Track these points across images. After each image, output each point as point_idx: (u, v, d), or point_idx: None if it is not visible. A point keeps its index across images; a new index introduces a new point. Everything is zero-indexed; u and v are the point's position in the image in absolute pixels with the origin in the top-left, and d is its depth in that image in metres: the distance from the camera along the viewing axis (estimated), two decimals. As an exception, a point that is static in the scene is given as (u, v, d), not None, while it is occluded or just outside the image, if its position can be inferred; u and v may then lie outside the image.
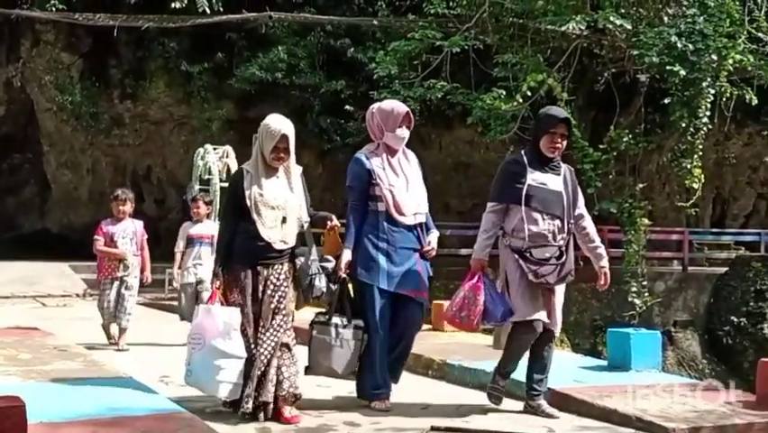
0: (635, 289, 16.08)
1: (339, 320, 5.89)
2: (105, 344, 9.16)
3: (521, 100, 15.97)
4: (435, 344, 8.31)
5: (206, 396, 5.71)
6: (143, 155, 23.24)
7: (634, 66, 17.20)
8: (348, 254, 5.95)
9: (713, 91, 15.65)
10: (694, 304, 20.41)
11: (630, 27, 15.90)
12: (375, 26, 19.17)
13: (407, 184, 6.12)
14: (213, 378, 5.44)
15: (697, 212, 20.39)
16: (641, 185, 17.83)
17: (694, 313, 20.33)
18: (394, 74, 16.88)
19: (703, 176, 16.38)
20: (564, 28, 15.80)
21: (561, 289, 5.94)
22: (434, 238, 6.23)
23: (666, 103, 16.52)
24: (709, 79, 15.50)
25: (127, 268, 9.13)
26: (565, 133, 5.89)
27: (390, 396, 6.09)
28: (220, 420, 5.43)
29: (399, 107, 6.22)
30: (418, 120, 6.24)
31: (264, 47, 19.74)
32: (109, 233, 9.14)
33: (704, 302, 20.47)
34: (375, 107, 6.28)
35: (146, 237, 9.43)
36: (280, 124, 5.64)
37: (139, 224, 9.39)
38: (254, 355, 5.50)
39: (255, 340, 5.54)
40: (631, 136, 17.08)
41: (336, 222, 5.96)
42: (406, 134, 6.18)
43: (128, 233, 9.20)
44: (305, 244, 5.76)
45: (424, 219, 6.18)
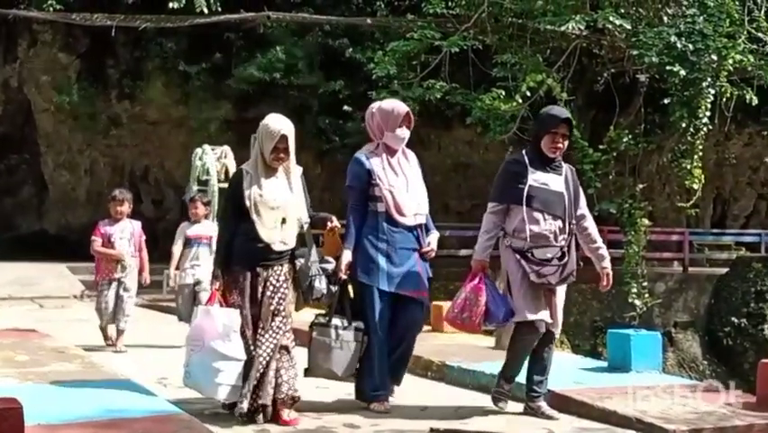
0: (636, 290, 16.03)
1: (339, 322, 5.86)
2: (103, 345, 9.11)
3: (520, 100, 15.92)
4: (435, 345, 8.30)
5: (205, 398, 5.67)
6: (141, 156, 23.21)
7: (633, 66, 17.16)
8: (348, 255, 5.91)
9: (713, 91, 15.59)
10: (694, 305, 20.38)
11: (630, 27, 15.85)
12: (373, 26, 19.13)
13: (407, 184, 6.09)
14: (212, 380, 5.40)
15: (697, 213, 20.38)
16: (641, 185, 17.77)
17: (694, 314, 20.30)
18: (393, 74, 16.81)
19: (703, 176, 16.33)
20: (564, 28, 15.75)
21: (562, 289, 5.91)
22: (434, 239, 6.19)
23: (666, 103, 16.46)
24: (709, 79, 15.44)
25: (125, 269, 9.08)
26: (567, 133, 5.85)
27: (395, 397, 6.07)
28: (219, 422, 5.40)
29: (400, 107, 6.18)
30: (417, 120, 6.20)
31: (262, 47, 19.70)
32: (107, 233, 9.08)
33: (704, 303, 20.44)
34: (375, 107, 6.24)
35: (144, 238, 9.38)
36: (280, 124, 5.60)
37: (137, 224, 9.33)
38: (253, 357, 5.45)
39: (254, 342, 5.50)
40: (631, 136, 17.04)
41: (336, 223, 5.92)
42: (406, 135, 6.15)
43: (126, 233, 9.15)
44: (304, 245, 5.71)
45: (424, 220, 6.15)
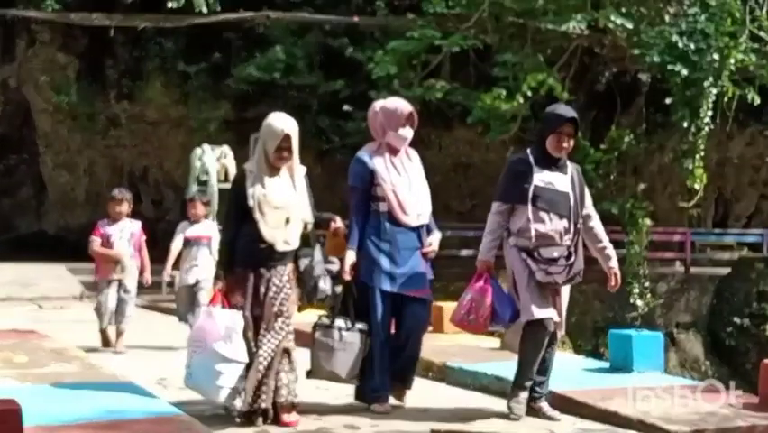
0: (638, 290, 16.05)
1: (342, 323, 5.80)
2: (109, 343, 9.03)
3: (521, 100, 15.92)
4: (436, 346, 8.22)
5: (205, 399, 5.62)
6: (140, 156, 23.16)
7: (635, 65, 17.20)
8: (352, 256, 5.85)
9: (715, 91, 15.60)
10: (696, 305, 20.33)
11: (631, 26, 15.86)
12: (372, 25, 19.08)
13: (410, 184, 6.03)
14: (213, 382, 5.35)
15: (699, 212, 20.39)
16: (642, 185, 17.82)
17: (696, 314, 20.26)
18: (393, 74, 16.80)
19: (705, 176, 16.33)
20: (565, 27, 15.76)
21: (566, 290, 5.86)
22: (436, 239, 6.14)
23: (668, 103, 16.45)
24: (711, 79, 15.45)
25: (124, 269, 9.02)
26: (572, 132, 5.77)
27: (404, 398, 6.07)
28: (219, 424, 5.36)
29: (403, 107, 6.12)
30: (418, 120, 6.14)
31: (262, 47, 19.64)
32: (106, 234, 9.02)
33: (706, 303, 20.39)
34: (378, 105, 6.18)
35: (144, 238, 9.31)
36: (283, 124, 5.55)
37: (137, 224, 9.27)
38: (253, 357, 5.41)
39: (256, 343, 5.45)
40: (632, 136, 17.07)
41: (340, 223, 5.87)
42: (409, 134, 6.10)
43: (125, 234, 9.09)
44: (308, 246, 5.65)
45: (427, 220, 6.10)
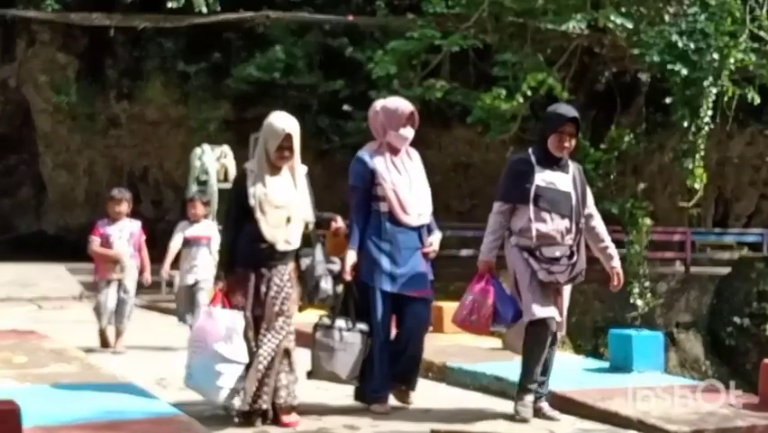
0: (638, 290, 16.05)
1: (343, 323, 5.77)
2: (107, 343, 9.01)
3: (521, 100, 15.92)
4: (435, 346, 8.19)
5: (205, 400, 5.60)
6: (140, 156, 23.14)
7: (635, 65, 17.19)
8: (353, 256, 5.83)
9: (715, 90, 15.59)
10: (697, 305, 20.32)
11: (631, 26, 15.86)
12: (372, 25, 19.07)
13: (411, 184, 6.02)
14: (213, 383, 5.33)
15: (699, 212, 20.38)
16: (642, 185, 17.82)
17: (697, 314, 20.24)
18: (393, 74, 16.79)
19: (705, 176, 16.32)
20: (564, 27, 15.76)
21: (567, 290, 5.84)
22: (436, 239, 6.12)
23: (667, 102, 16.45)
24: (711, 78, 15.44)
25: (123, 269, 9.00)
26: (574, 132, 5.75)
27: (409, 400, 6.06)
28: (218, 424, 5.35)
29: (404, 106, 6.10)
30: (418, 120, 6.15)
31: (261, 47, 19.63)
32: (105, 233, 8.99)
33: (707, 303, 20.38)
34: (379, 105, 6.16)
35: (144, 238, 9.29)
36: (284, 123, 5.53)
37: (136, 224, 9.24)
38: (253, 356, 5.39)
39: (256, 342, 5.43)
40: (632, 136, 17.08)
41: (341, 223, 5.85)
42: (410, 134, 6.09)
43: (125, 233, 9.06)
44: (308, 245, 5.64)
45: (428, 220, 6.08)
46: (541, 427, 5.59)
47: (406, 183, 5.98)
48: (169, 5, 17.92)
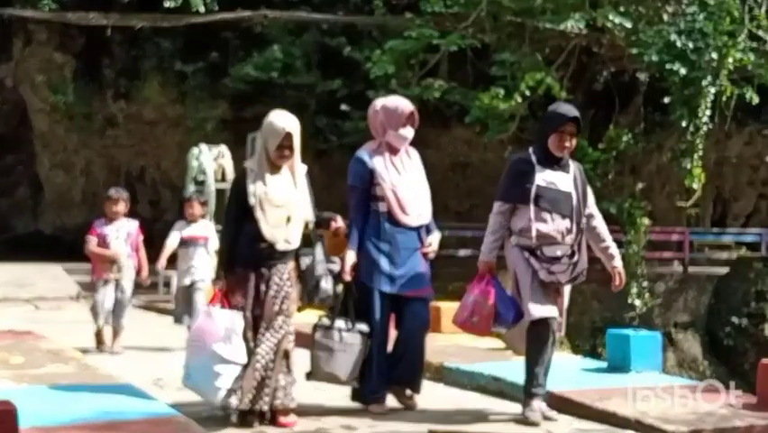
0: (636, 290, 16.03)
1: (343, 324, 5.75)
2: (103, 344, 8.97)
3: (519, 99, 15.90)
4: (433, 346, 8.12)
5: (202, 400, 5.58)
6: (137, 156, 23.12)
7: (633, 65, 17.17)
8: (352, 256, 5.81)
9: (713, 90, 15.56)
10: (695, 305, 20.31)
11: (629, 25, 15.83)
12: (370, 25, 19.05)
13: (410, 184, 6.00)
14: (212, 383, 5.32)
15: (697, 212, 20.36)
16: (641, 185, 17.81)
17: (695, 314, 20.24)
18: (391, 73, 16.77)
19: (703, 176, 16.29)
20: (563, 26, 15.74)
21: (567, 291, 5.83)
22: (436, 239, 6.10)
23: (666, 102, 16.41)
24: (709, 78, 15.41)
25: (120, 269, 8.97)
26: (574, 131, 5.73)
27: (413, 403, 6.03)
28: (215, 425, 5.34)
29: (404, 106, 6.07)
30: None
31: (259, 46, 19.61)
32: (102, 233, 8.96)
33: (705, 303, 20.38)
34: (379, 104, 6.14)
35: (142, 238, 9.26)
36: (285, 122, 5.51)
37: (134, 224, 9.21)
38: (251, 355, 5.38)
39: (255, 342, 5.41)
40: (630, 136, 17.06)
41: (341, 223, 5.83)
42: (409, 134, 6.07)
43: (122, 233, 9.03)
44: (308, 245, 5.61)
45: (427, 220, 6.06)
46: (539, 427, 5.57)
47: (405, 183, 5.96)
48: (167, 5, 17.87)
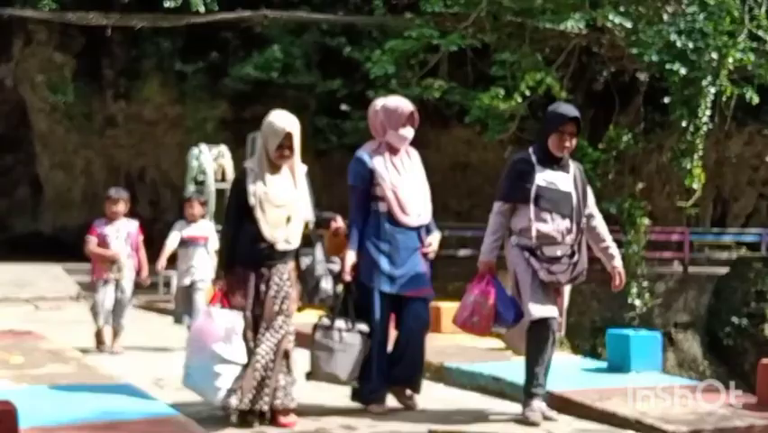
0: (636, 290, 16.03)
1: (343, 324, 5.74)
2: (102, 344, 8.96)
3: (519, 99, 15.90)
4: (433, 346, 8.13)
5: (202, 400, 5.59)
6: (137, 156, 23.14)
7: (633, 64, 17.17)
8: (352, 257, 5.81)
9: (713, 90, 15.56)
10: (695, 305, 20.32)
11: (629, 25, 15.83)
12: (370, 25, 19.06)
13: (410, 184, 6.00)
14: (212, 384, 5.32)
15: (697, 212, 20.32)
16: (641, 185, 17.81)
17: (695, 314, 20.25)
18: (391, 73, 16.77)
19: (703, 175, 16.30)
20: (563, 26, 15.74)
21: (567, 291, 5.83)
22: (436, 239, 6.10)
23: (666, 102, 16.41)
24: (709, 78, 15.42)
25: (120, 269, 8.97)
26: (575, 131, 5.73)
27: (413, 403, 6.03)
28: (215, 425, 5.34)
29: (405, 106, 6.07)
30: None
31: (259, 46, 19.63)
32: (102, 233, 8.96)
33: (705, 303, 20.39)
34: (380, 104, 6.14)
35: (142, 238, 9.26)
36: (285, 122, 5.51)
37: (134, 224, 9.21)
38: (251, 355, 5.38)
39: (255, 342, 5.41)
40: (630, 135, 17.07)
41: (341, 223, 5.83)
42: (409, 134, 6.07)
43: (122, 233, 9.03)
44: (308, 245, 5.61)
45: (427, 220, 6.06)
46: (539, 427, 5.57)
47: (405, 183, 5.96)
48: (167, 5, 17.89)
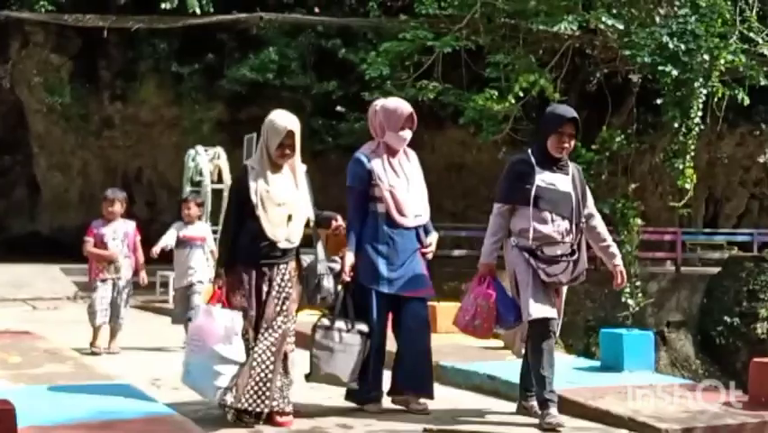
0: (629, 289, 16.04)
1: (343, 324, 5.76)
2: (96, 347, 9.02)
3: (513, 101, 15.92)
4: (429, 345, 8.26)
5: (199, 399, 5.64)
6: (134, 157, 23.12)
7: (626, 66, 17.20)
8: (351, 257, 5.85)
9: (705, 91, 15.60)
10: (687, 304, 20.35)
11: (622, 27, 15.86)
12: (365, 26, 19.09)
13: (408, 185, 6.04)
14: (211, 382, 5.34)
15: (689, 212, 20.36)
16: (633, 185, 17.82)
17: (687, 313, 20.28)
18: (385, 75, 16.79)
19: (695, 176, 16.34)
20: (556, 28, 15.76)
21: (564, 292, 5.87)
22: (434, 240, 6.14)
23: (658, 103, 16.45)
24: (701, 80, 15.44)
25: (118, 270, 9.02)
26: (573, 132, 5.76)
27: (426, 406, 6.01)
28: (212, 424, 5.38)
29: (403, 108, 6.11)
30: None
31: (255, 48, 19.64)
32: (99, 234, 9.01)
33: (697, 302, 20.42)
34: (379, 105, 6.18)
35: (139, 238, 9.31)
36: (286, 121, 5.56)
37: (131, 225, 9.27)
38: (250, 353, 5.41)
39: (255, 341, 5.44)
40: (623, 136, 17.08)
41: (341, 222, 5.84)
42: (408, 135, 6.11)
43: (119, 234, 9.08)
44: (309, 244, 5.65)
45: (424, 221, 6.10)
46: (533, 425, 5.62)
47: (403, 184, 6.00)
48: (163, 7, 17.93)
